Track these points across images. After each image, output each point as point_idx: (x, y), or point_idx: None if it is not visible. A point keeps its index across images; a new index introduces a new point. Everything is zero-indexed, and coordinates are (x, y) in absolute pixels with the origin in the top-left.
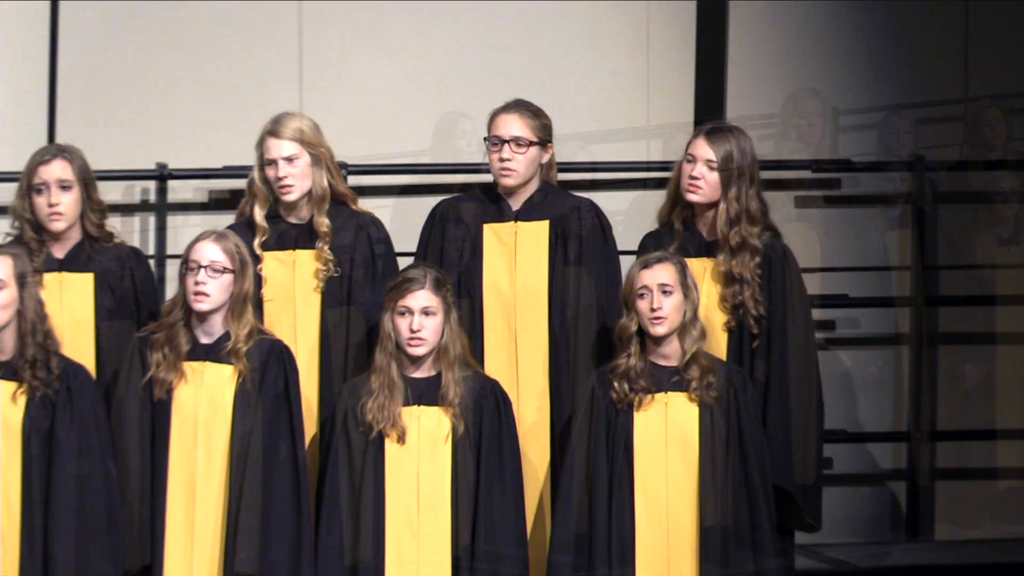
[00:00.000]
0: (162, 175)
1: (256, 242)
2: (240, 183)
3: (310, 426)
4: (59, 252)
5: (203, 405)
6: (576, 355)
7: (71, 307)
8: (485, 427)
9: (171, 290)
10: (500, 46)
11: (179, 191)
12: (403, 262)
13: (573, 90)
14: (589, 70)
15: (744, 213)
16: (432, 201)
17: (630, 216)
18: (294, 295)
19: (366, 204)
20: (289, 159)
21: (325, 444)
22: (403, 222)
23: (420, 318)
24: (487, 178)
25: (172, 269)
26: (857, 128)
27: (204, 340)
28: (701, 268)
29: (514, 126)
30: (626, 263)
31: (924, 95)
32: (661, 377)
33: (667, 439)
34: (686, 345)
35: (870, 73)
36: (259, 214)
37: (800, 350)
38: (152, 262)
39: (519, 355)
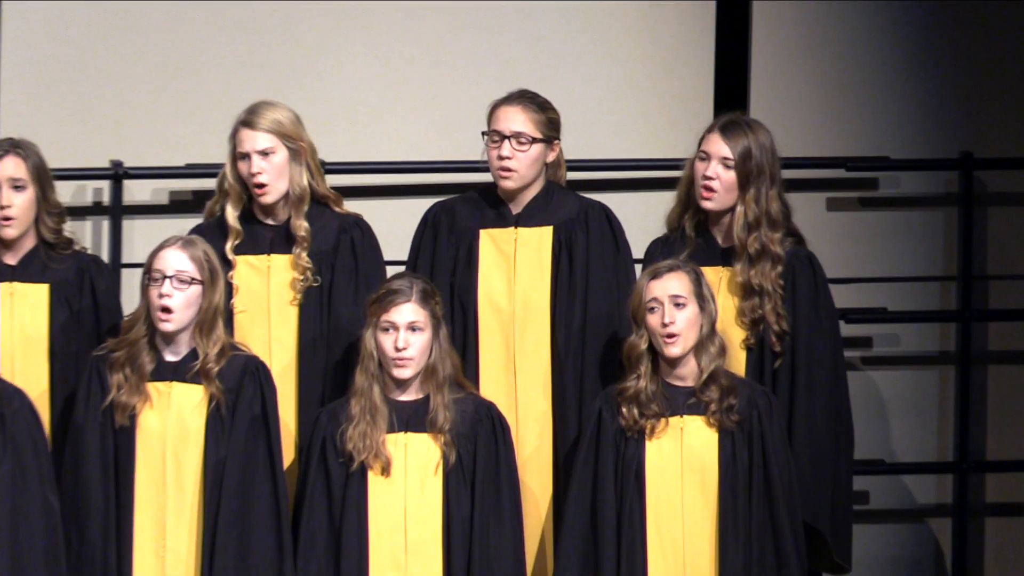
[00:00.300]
0: (117, 174)
1: (228, 245)
2: (205, 183)
3: (288, 454)
4: (10, 259)
5: (171, 431)
6: (583, 376)
7: (22, 321)
8: (480, 456)
9: (127, 303)
10: (498, 28)
11: (136, 192)
12: (391, 271)
13: (581, 79)
14: (598, 57)
15: (764, 216)
16: (427, 204)
17: (648, 220)
18: (268, 306)
19: (353, 208)
20: (264, 153)
21: (301, 476)
22: (395, 227)
23: (406, 334)
24: (488, 178)
25: (127, 280)
26: (897, 121)
27: (170, 358)
28: (716, 278)
29: (516, 120)
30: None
31: (973, 84)
32: (676, 399)
33: (683, 468)
34: (703, 363)
35: (913, 58)
36: (231, 214)
37: (828, 371)
38: None
39: (518, 375)
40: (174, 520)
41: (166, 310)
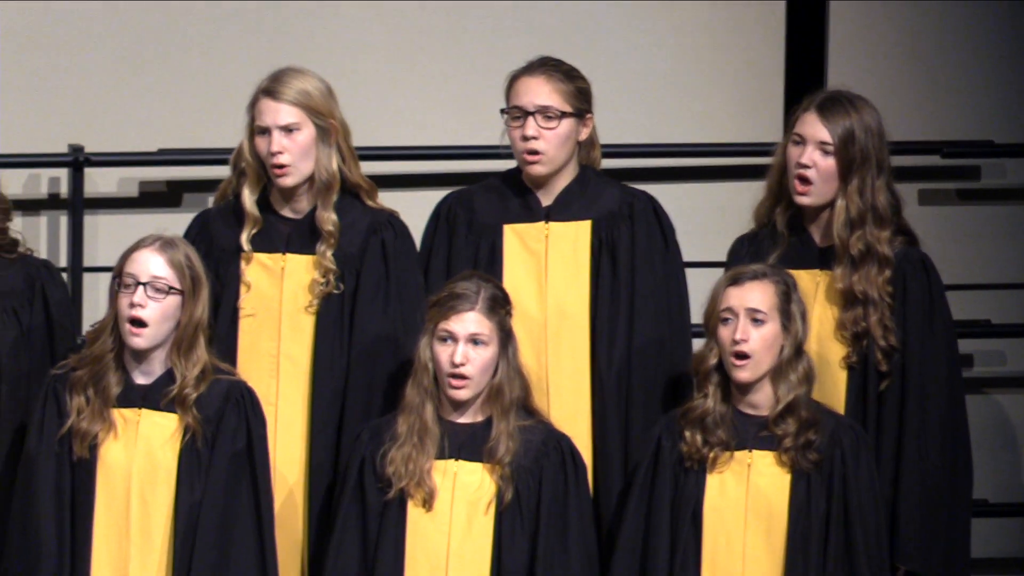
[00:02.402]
0: (77, 161)
1: (244, 235)
2: (181, 172)
3: (296, 492)
4: None
5: (138, 466)
6: (630, 399)
7: None
8: (545, 495)
9: (88, 314)
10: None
11: (100, 182)
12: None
13: (623, 50)
14: (645, 22)
15: (869, 212)
16: (439, 196)
17: (700, 215)
18: (279, 314)
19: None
20: (287, 129)
21: (335, 502)
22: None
23: (466, 348)
24: (505, 165)
25: (89, 286)
26: (1002, 99)
27: (140, 380)
28: (812, 283)
29: (540, 92)
30: (695, 277)
31: None
32: (745, 429)
33: (747, 511)
34: (780, 392)
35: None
36: (248, 198)
37: (944, 395)
38: (64, 278)
39: (551, 395)
40: (138, 572)
41: (137, 322)
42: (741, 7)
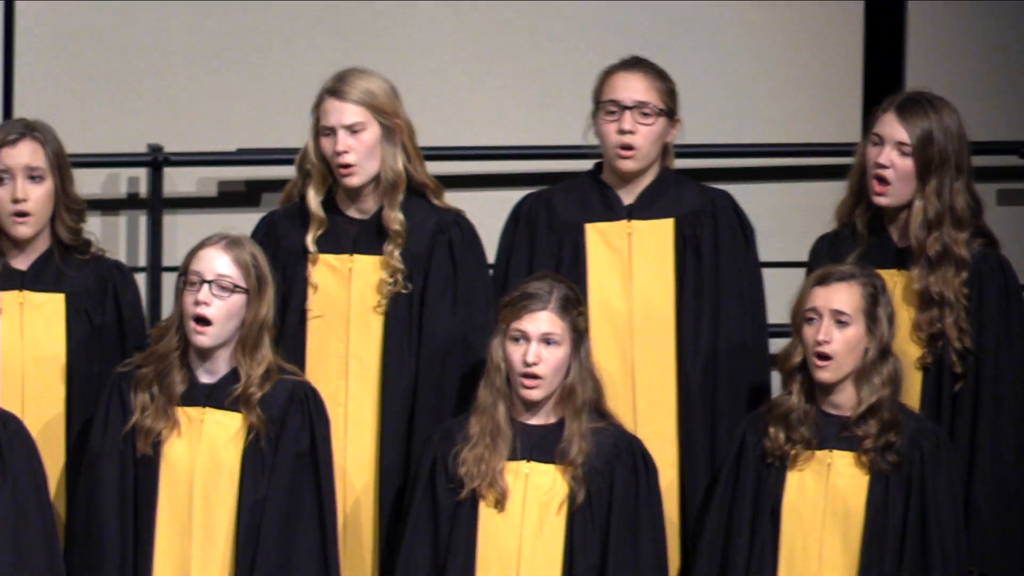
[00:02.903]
0: (156, 160)
1: (309, 237)
2: (260, 172)
3: (366, 493)
4: (21, 263)
5: (201, 465)
6: (715, 395)
7: (35, 337)
8: (617, 496)
9: (167, 314)
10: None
11: (179, 182)
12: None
13: (706, 49)
14: (727, 23)
15: (947, 213)
16: (518, 196)
17: (779, 215)
18: (348, 315)
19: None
20: (352, 129)
21: (405, 507)
22: (481, 223)
23: (538, 347)
24: (584, 166)
25: (169, 285)
26: None
27: (205, 379)
28: (890, 284)
29: (639, 88)
30: (775, 276)
31: None
32: (826, 429)
33: (825, 511)
34: (863, 394)
35: None
36: (313, 199)
37: (1019, 397)
38: (142, 277)
39: (637, 392)
40: (200, 570)
41: (202, 320)
42: (820, 7)
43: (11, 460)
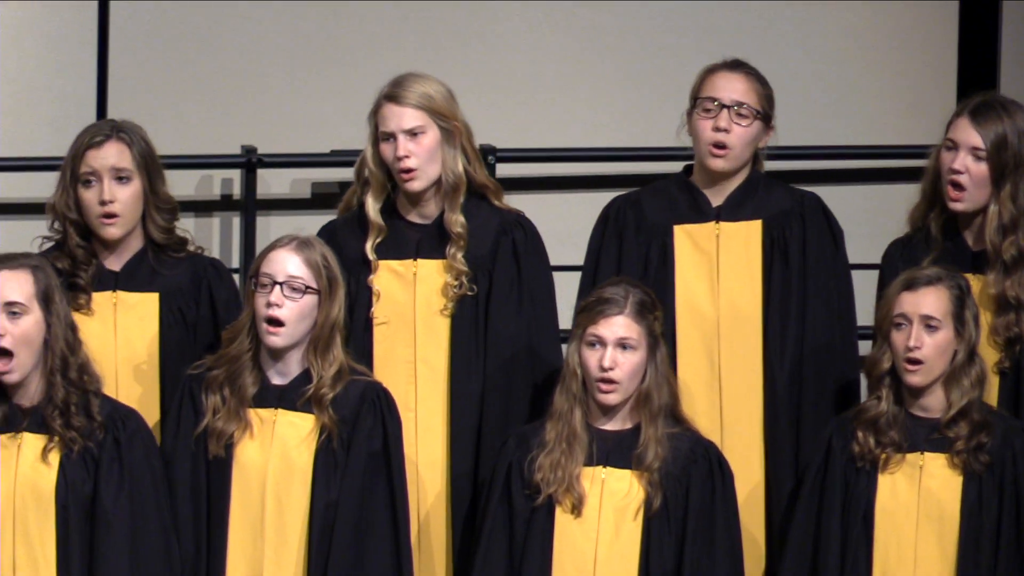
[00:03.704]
0: (250, 162)
1: (368, 244)
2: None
3: (439, 497)
4: (114, 264)
5: (274, 466)
6: (802, 398)
7: (129, 336)
8: (693, 501)
9: None
10: None
11: (272, 183)
12: (566, 278)
13: (795, 50)
14: (816, 22)
15: (1022, 217)
16: (606, 198)
17: (870, 217)
18: (414, 319)
19: (521, 203)
20: (412, 133)
21: (480, 512)
22: (566, 225)
23: (614, 352)
24: (674, 168)
25: None
26: None
27: (276, 381)
28: None
29: (738, 88)
30: (861, 278)
31: None
32: (916, 432)
33: (919, 514)
34: (953, 397)
35: None
36: (372, 206)
37: None
38: (235, 279)
39: (724, 395)
40: (272, 572)
41: (274, 322)
42: (914, 8)
43: (130, 461)
